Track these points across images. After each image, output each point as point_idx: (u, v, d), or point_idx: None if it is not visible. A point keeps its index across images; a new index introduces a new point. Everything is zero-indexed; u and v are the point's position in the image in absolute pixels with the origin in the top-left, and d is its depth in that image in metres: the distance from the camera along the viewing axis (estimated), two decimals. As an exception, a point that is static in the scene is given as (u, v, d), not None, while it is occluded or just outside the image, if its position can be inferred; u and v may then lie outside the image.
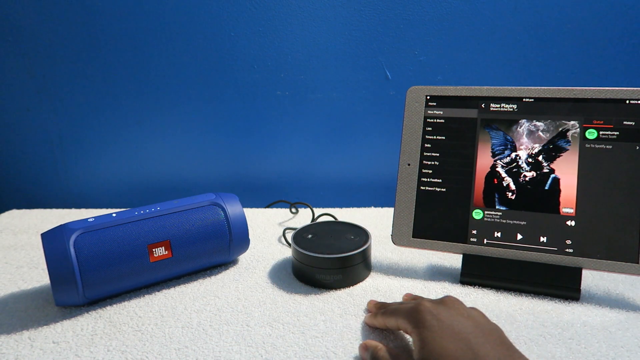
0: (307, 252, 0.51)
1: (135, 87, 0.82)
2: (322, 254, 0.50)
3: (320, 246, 0.52)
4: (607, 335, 0.42)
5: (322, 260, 0.50)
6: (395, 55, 0.81)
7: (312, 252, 0.51)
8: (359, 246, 0.52)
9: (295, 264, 0.54)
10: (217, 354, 0.40)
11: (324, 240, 0.54)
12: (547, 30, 0.78)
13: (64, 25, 0.78)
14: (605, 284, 0.52)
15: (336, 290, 0.51)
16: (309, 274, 0.51)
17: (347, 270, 0.51)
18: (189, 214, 0.52)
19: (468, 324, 0.34)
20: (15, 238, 0.69)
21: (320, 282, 0.51)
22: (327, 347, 0.41)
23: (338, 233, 0.56)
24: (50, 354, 0.40)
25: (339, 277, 0.51)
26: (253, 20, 0.79)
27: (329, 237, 0.55)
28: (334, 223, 0.60)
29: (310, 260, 0.51)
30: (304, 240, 0.54)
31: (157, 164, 0.87)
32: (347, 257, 0.50)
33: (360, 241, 0.53)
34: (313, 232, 0.56)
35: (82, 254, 0.46)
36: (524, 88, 0.53)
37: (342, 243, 0.53)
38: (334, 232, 0.56)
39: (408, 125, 0.57)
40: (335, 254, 0.50)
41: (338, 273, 0.51)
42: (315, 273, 0.51)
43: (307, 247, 0.52)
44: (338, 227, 0.58)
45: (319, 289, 0.51)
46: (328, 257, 0.50)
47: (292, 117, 0.85)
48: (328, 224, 0.59)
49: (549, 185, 0.51)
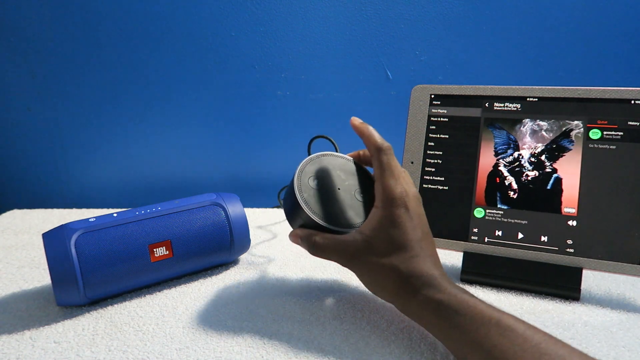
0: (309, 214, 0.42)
1: (136, 87, 0.82)
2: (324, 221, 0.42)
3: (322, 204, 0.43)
4: (608, 335, 0.42)
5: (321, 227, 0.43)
6: (396, 55, 0.81)
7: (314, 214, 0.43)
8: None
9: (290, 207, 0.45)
10: (218, 354, 0.40)
11: (329, 196, 0.44)
12: (549, 30, 0.78)
13: (65, 25, 0.78)
14: (606, 284, 0.52)
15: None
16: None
17: None
18: (189, 214, 0.52)
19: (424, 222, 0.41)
20: (17, 238, 0.69)
21: None
22: (328, 347, 0.41)
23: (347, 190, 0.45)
24: (52, 353, 0.40)
25: None
26: (254, 21, 0.79)
27: (334, 192, 0.45)
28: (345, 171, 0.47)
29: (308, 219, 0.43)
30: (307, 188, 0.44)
31: (158, 163, 0.87)
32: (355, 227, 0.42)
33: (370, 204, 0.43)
34: (318, 178, 0.45)
35: (83, 253, 0.45)
36: (528, 87, 0.53)
37: (349, 210, 0.44)
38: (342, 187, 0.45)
39: (412, 123, 0.57)
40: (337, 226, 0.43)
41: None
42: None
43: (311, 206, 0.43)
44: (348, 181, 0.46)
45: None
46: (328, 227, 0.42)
47: (293, 117, 0.85)
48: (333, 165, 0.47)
49: (551, 185, 0.50)
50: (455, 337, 0.35)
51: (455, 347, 0.36)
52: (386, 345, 0.41)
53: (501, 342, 0.32)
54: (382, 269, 0.39)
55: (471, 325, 0.34)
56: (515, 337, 0.32)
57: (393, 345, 0.41)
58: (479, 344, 0.33)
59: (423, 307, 0.37)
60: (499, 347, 0.32)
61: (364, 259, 0.40)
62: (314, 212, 0.43)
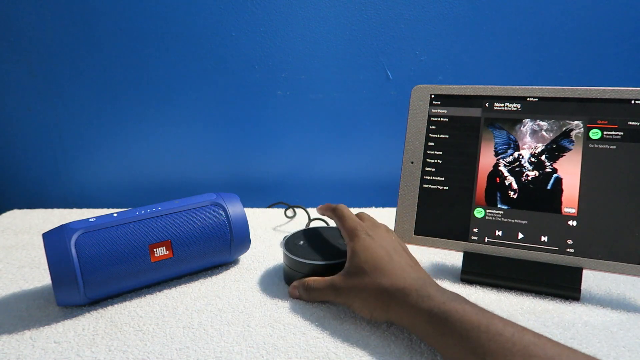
0: (300, 260, 0.50)
1: (136, 87, 0.82)
2: (314, 260, 0.49)
3: (311, 253, 0.51)
4: (608, 335, 0.42)
5: (315, 268, 0.49)
6: (396, 55, 0.81)
7: (304, 259, 0.50)
8: None
9: (287, 271, 0.52)
10: (219, 354, 0.40)
11: (316, 246, 0.52)
12: (549, 30, 0.78)
13: (65, 25, 0.78)
14: (606, 284, 0.52)
15: None
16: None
17: None
18: (190, 214, 0.52)
19: (389, 240, 0.46)
20: (17, 238, 0.69)
21: None
22: (329, 347, 0.41)
23: (330, 238, 0.54)
24: (52, 353, 0.40)
25: None
26: (254, 20, 0.79)
27: (320, 242, 0.53)
28: (327, 229, 0.58)
29: (303, 267, 0.50)
30: (296, 247, 0.52)
31: (158, 163, 0.87)
32: (341, 264, 0.48)
33: None
34: (305, 239, 0.54)
35: (84, 253, 0.45)
36: (528, 87, 0.53)
37: (335, 249, 0.52)
38: (326, 237, 0.55)
39: (412, 123, 0.57)
40: (327, 260, 0.49)
41: None
42: None
43: (299, 254, 0.50)
44: (330, 233, 0.56)
45: None
46: (320, 264, 0.49)
47: (293, 117, 0.85)
48: (320, 229, 0.57)
49: (552, 185, 0.50)
50: (448, 345, 0.36)
51: (450, 355, 0.36)
52: (386, 345, 0.41)
53: (491, 348, 0.33)
54: (366, 290, 0.43)
55: (461, 332, 0.35)
56: (504, 341, 0.33)
57: (393, 345, 0.41)
58: (470, 351, 0.34)
59: (414, 317, 0.39)
60: (490, 353, 0.33)
61: (349, 285, 0.44)
62: (306, 257, 0.50)
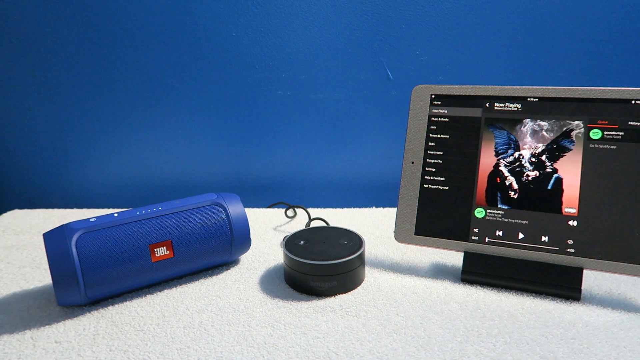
0: (300, 259, 0.50)
1: (136, 87, 0.82)
2: (315, 260, 0.49)
3: (312, 253, 0.51)
4: (609, 335, 0.42)
5: (316, 267, 0.49)
6: (397, 55, 0.81)
7: (305, 259, 0.50)
8: (353, 252, 0.51)
9: (287, 272, 0.53)
10: (219, 354, 0.40)
11: (317, 247, 0.52)
12: (549, 30, 0.78)
13: (66, 25, 0.78)
14: (606, 284, 0.52)
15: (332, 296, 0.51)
16: (303, 281, 0.50)
17: (342, 277, 0.50)
18: (190, 214, 0.52)
19: None
20: (17, 238, 0.69)
21: (314, 290, 0.50)
22: (329, 347, 0.41)
23: (331, 239, 0.54)
24: (53, 353, 0.40)
25: (334, 284, 0.50)
26: (254, 20, 0.79)
27: (321, 243, 0.53)
28: (327, 228, 0.58)
29: (303, 267, 0.50)
30: (296, 247, 0.53)
31: (158, 163, 0.87)
32: (342, 264, 0.49)
33: (354, 246, 0.52)
34: (305, 238, 0.55)
35: (84, 253, 0.46)
36: (528, 88, 0.53)
37: (335, 249, 0.52)
38: (326, 237, 0.55)
39: (412, 123, 0.57)
40: (329, 260, 0.49)
41: (332, 280, 0.50)
42: (310, 280, 0.50)
43: (300, 254, 0.51)
44: (330, 233, 0.56)
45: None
46: (322, 264, 0.49)
47: (294, 117, 0.85)
48: (321, 229, 0.58)
49: (552, 185, 0.51)
50: None
51: None
52: (386, 345, 0.41)
53: None
54: None
55: None
56: None
57: (393, 345, 0.41)
58: None
59: None
60: None
61: None
62: (307, 257, 0.50)
